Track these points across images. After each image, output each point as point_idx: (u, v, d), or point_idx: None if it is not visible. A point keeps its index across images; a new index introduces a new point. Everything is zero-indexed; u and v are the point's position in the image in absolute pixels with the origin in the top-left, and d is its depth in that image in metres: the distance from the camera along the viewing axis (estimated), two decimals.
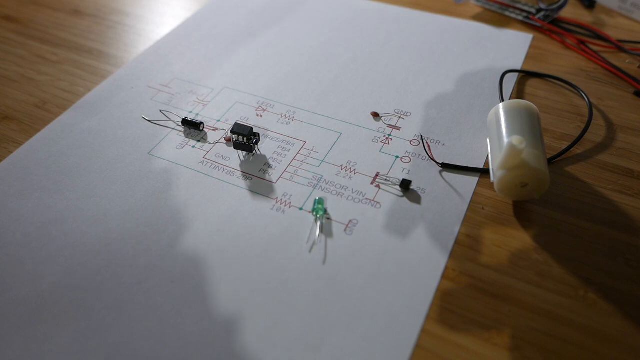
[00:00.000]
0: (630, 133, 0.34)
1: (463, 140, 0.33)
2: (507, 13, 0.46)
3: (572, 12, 0.46)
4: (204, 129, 0.35)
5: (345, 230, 0.28)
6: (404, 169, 0.32)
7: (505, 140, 0.28)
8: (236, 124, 0.32)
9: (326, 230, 0.28)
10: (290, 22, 0.46)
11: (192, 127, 0.35)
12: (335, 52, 0.42)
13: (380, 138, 0.34)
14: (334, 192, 0.30)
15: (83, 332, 0.24)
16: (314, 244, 0.28)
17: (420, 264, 0.27)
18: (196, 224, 0.29)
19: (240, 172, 0.32)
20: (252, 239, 0.28)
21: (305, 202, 0.30)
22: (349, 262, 0.27)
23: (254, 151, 0.33)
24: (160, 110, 0.36)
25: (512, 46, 0.42)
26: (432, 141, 0.33)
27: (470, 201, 0.30)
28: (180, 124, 0.35)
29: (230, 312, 0.25)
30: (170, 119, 0.36)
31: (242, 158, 0.33)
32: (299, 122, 0.35)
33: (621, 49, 0.41)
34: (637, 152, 0.32)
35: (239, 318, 0.25)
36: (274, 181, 0.31)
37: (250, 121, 0.36)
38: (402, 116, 0.35)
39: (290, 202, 0.30)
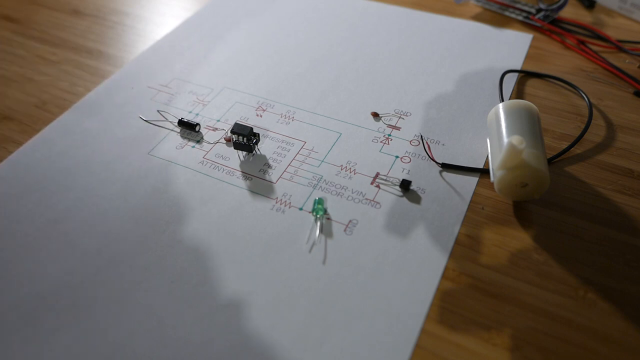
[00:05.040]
0: (630, 133, 0.34)
1: (463, 140, 0.33)
2: (507, 13, 0.46)
3: (572, 12, 0.46)
4: (200, 130, 0.35)
5: (345, 230, 0.28)
6: (403, 169, 0.32)
7: (505, 140, 0.28)
8: (236, 124, 0.32)
9: (326, 230, 0.28)
10: (290, 22, 0.46)
11: (188, 128, 0.34)
12: (335, 52, 0.42)
13: (380, 138, 0.34)
14: (333, 192, 0.30)
15: (83, 332, 0.24)
16: (314, 244, 0.28)
17: (420, 264, 0.27)
18: (196, 224, 0.29)
19: (240, 172, 0.32)
20: (252, 239, 0.28)
21: (305, 202, 0.30)
22: (349, 262, 0.27)
23: (254, 151, 0.33)
24: (158, 110, 0.36)
25: (512, 46, 0.42)
26: (432, 141, 0.33)
27: (470, 201, 0.30)
28: (177, 124, 0.35)
29: (230, 312, 0.25)
30: (167, 119, 0.36)
31: (242, 158, 0.33)
32: (299, 122, 0.35)
33: (621, 49, 0.41)
34: (637, 152, 0.32)
35: (238, 318, 0.25)
36: (274, 181, 0.31)
37: (250, 121, 0.36)
38: (402, 116, 0.35)
39: (290, 202, 0.30)
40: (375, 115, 0.36)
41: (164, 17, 0.48)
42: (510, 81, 0.38)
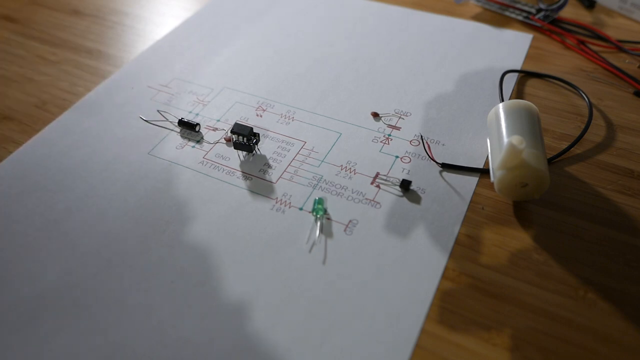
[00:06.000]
0: (630, 133, 0.34)
1: (463, 140, 0.33)
2: (507, 13, 0.46)
3: (572, 12, 0.46)
4: (200, 130, 0.35)
5: (345, 230, 0.28)
6: (403, 169, 0.32)
7: (505, 140, 0.28)
8: (236, 124, 0.32)
9: (326, 230, 0.28)
10: (291, 22, 0.46)
11: (188, 127, 0.34)
12: (335, 52, 0.42)
13: (380, 138, 0.34)
14: (334, 192, 0.30)
15: (83, 332, 0.24)
16: (314, 244, 0.28)
17: (420, 264, 0.27)
18: (196, 224, 0.29)
19: (240, 172, 0.32)
20: (252, 239, 0.28)
21: (305, 202, 0.30)
22: (349, 262, 0.27)
23: (254, 151, 0.33)
24: (158, 110, 0.36)
25: (512, 46, 0.42)
26: (432, 141, 0.33)
27: (470, 201, 0.30)
28: (177, 124, 0.35)
29: (230, 312, 0.25)
30: (167, 119, 0.36)
31: (242, 158, 0.33)
32: (299, 122, 0.35)
33: (621, 49, 0.41)
34: (637, 152, 0.32)
35: (238, 318, 0.25)
36: (274, 181, 0.31)
37: (250, 121, 0.36)
38: (402, 116, 0.35)
39: (290, 202, 0.30)
40: (375, 115, 0.36)
41: (163, 17, 0.48)
42: (510, 81, 0.38)
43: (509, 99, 0.37)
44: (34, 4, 0.50)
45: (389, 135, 0.34)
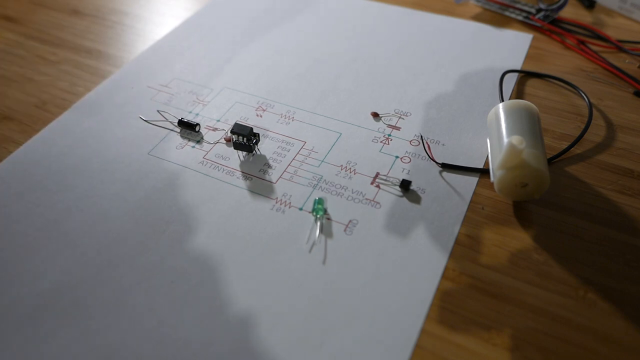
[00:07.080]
0: (630, 133, 0.34)
1: (463, 140, 0.33)
2: (507, 13, 0.46)
3: (572, 12, 0.46)
4: (200, 130, 0.35)
5: (345, 230, 0.28)
6: (403, 169, 0.32)
7: (505, 140, 0.28)
8: (236, 124, 0.32)
9: (326, 230, 0.28)
10: (290, 21, 0.46)
11: (188, 128, 0.34)
12: (335, 52, 0.42)
13: (380, 138, 0.34)
14: (333, 192, 0.30)
15: (83, 332, 0.24)
16: (314, 244, 0.28)
17: (420, 264, 0.27)
18: (196, 224, 0.29)
19: (240, 172, 0.32)
20: (252, 239, 0.28)
21: (305, 202, 0.30)
22: (348, 262, 0.27)
23: (254, 151, 0.33)
24: (158, 110, 0.36)
25: (512, 46, 0.42)
26: (432, 141, 0.33)
27: (470, 201, 0.30)
28: (177, 124, 0.35)
29: (230, 312, 0.25)
30: (167, 120, 0.36)
31: (242, 158, 0.33)
32: (299, 122, 0.35)
33: (621, 49, 0.41)
34: (637, 152, 0.32)
35: (238, 318, 0.25)
36: (274, 181, 0.31)
37: (250, 121, 0.36)
38: (402, 116, 0.35)
39: (290, 202, 0.30)
40: (375, 115, 0.36)
41: (163, 17, 0.48)
42: (510, 81, 0.38)
43: (509, 99, 0.37)
44: (34, 4, 0.50)
45: (389, 135, 0.34)
